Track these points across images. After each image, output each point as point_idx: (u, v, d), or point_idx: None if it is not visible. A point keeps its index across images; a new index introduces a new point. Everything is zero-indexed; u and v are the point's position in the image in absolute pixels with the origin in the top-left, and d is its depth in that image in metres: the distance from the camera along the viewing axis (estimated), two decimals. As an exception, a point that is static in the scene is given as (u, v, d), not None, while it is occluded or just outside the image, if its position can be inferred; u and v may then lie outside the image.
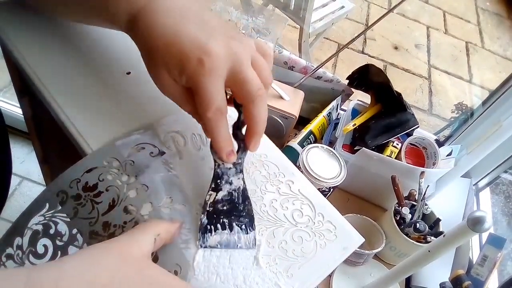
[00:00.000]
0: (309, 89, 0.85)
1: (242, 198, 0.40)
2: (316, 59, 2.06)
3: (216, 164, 0.39)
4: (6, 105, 1.44)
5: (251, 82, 0.34)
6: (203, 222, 0.38)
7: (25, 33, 0.47)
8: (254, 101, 0.35)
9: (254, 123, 0.37)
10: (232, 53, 0.34)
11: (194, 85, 0.34)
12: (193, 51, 0.32)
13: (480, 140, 0.78)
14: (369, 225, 0.74)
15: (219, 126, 0.35)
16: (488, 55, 2.59)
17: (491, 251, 0.68)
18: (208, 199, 0.39)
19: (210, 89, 0.33)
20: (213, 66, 0.32)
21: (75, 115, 0.42)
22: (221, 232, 0.38)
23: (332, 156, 0.68)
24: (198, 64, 0.32)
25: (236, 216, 0.39)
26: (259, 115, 0.36)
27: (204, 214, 0.38)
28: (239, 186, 0.40)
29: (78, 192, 0.38)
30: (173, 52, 0.33)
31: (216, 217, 0.39)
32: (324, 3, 1.83)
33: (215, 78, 0.33)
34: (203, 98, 0.33)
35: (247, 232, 0.39)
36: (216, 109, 0.34)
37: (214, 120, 0.34)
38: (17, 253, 0.36)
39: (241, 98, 0.36)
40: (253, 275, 0.38)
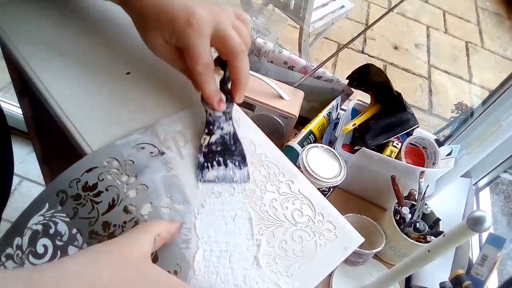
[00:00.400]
0: (309, 89, 0.85)
1: (233, 140, 0.45)
2: (316, 59, 2.06)
3: (208, 113, 0.44)
4: (6, 105, 1.44)
5: (233, 39, 0.40)
6: (200, 161, 0.42)
7: (25, 33, 0.47)
8: (237, 56, 0.40)
9: (238, 76, 0.42)
10: (215, 16, 0.39)
11: (183, 43, 0.39)
12: (182, 14, 0.38)
13: (480, 140, 0.78)
14: (369, 225, 0.74)
15: (208, 79, 0.40)
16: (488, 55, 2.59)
17: (491, 250, 0.68)
18: (203, 142, 0.43)
19: (198, 45, 0.38)
20: (200, 26, 0.38)
21: (75, 115, 0.42)
22: (217, 168, 0.42)
23: (332, 156, 0.68)
24: (187, 25, 0.38)
25: (230, 155, 0.44)
26: (242, 67, 0.41)
27: (200, 154, 0.42)
28: (229, 131, 0.45)
29: (78, 192, 0.38)
30: (165, 16, 0.38)
31: (211, 156, 0.43)
32: (324, 2, 1.83)
33: (201, 36, 0.38)
34: (192, 54, 0.38)
35: (240, 168, 0.43)
36: (204, 63, 0.39)
37: (203, 74, 0.39)
38: (17, 253, 0.36)
39: (225, 53, 0.41)
40: (253, 275, 0.38)
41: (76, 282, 0.27)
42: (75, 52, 0.47)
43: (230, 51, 0.40)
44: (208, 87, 0.41)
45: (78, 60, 0.47)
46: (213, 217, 0.40)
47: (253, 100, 0.75)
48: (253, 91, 0.75)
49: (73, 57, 0.47)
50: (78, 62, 0.47)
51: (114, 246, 0.31)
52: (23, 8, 0.49)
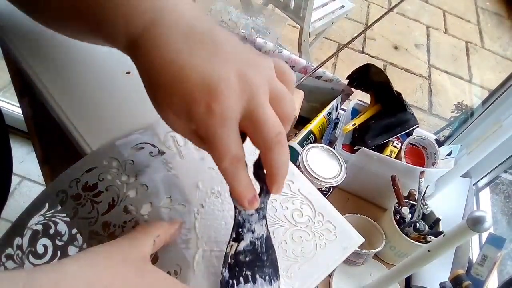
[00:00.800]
0: (309, 89, 0.85)
1: (266, 247, 0.36)
2: (316, 59, 2.06)
3: (237, 210, 0.35)
4: (6, 105, 1.44)
5: (268, 126, 0.29)
6: (225, 277, 0.35)
7: (25, 33, 0.47)
8: (271, 149, 0.30)
9: (274, 170, 0.32)
10: (247, 87, 0.29)
11: (204, 134, 0.29)
12: (201, 95, 0.28)
13: (480, 140, 0.78)
14: (369, 225, 0.74)
15: (237, 175, 0.31)
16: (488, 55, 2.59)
17: (491, 251, 0.68)
18: (229, 251, 0.35)
19: (223, 138, 0.29)
20: (224, 112, 0.28)
21: (75, 115, 0.42)
22: (243, 285, 0.35)
23: (332, 155, 0.68)
24: (208, 111, 0.28)
25: (260, 267, 0.36)
26: (279, 161, 0.31)
27: (225, 268, 0.35)
28: (262, 234, 0.36)
29: (78, 192, 0.38)
30: (179, 93, 0.28)
31: (238, 270, 0.35)
32: (324, 2, 1.83)
33: (227, 126, 0.29)
34: (215, 149, 0.29)
35: (271, 283, 0.36)
36: (231, 159, 0.29)
37: (230, 171, 0.30)
38: (17, 253, 0.36)
39: (257, 144, 0.31)
40: (253, 275, 0.37)
41: (76, 283, 0.27)
42: (75, 52, 0.47)
43: (263, 142, 0.30)
44: (238, 186, 0.31)
45: (78, 60, 0.47)
46: (213, 217, 0.40)
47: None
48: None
49: (73, 57, 0.47)
50: (78, 62, 0.47)
51: (114, 248, 0.31)
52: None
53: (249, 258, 0.36)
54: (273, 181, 0.33)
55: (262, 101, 0.29)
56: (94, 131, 0.42)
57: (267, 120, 0.29)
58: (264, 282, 0.36)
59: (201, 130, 0.29)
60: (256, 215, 0.36)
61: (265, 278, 0.36)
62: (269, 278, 0.36)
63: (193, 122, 0.29)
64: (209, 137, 0.29)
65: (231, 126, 0.29)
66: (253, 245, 0.36)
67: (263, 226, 0.36)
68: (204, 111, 0.28)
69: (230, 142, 0.29)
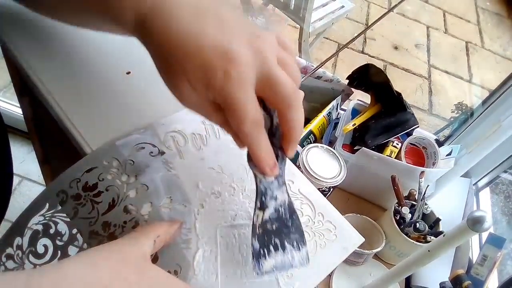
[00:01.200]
0: (309, 89, 0.85)
1: (289, 212, 0.37)
2: (316, 59, 2.06)
3: (258, 179, 0.35)
4: (6, 105, 1.44)
5: (285, 85, 0.31)
6: (256, 248, 0.35)
7: (25, 33, 0.47)
8: (291, 105, 0.32)
9: (292, 129, 0.33)
10: (258, 55, 0.30)
11: (223, 100, 0.30)
12: (218, 62, 0.29)
13: (480, 140, 0.78)
14: (369, 225, 0.74)
15: (258, 140, 0.32)
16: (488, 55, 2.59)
17: (491, 250, 0.68)
18: (256, 221, 0.36)
19: (243, 101, 0.30)
20: (242, 75, 0.29)
21: (75, 115, 0.42)
22: (274, 254, 0.36)
23: (332, 155, 0.68)
24: (226, 76, 0.29)
25: (286, 233, 0.36)
26: (298, 119, 0.33)
27: (255, 238, 0.35)
28: (284, 200, 0.37)
29: (78, 192, 0.38)
30: (196, 64, 0.29)
31: (267, 239, 0.36)
32: (324, 2, 1.83)
33: (246, 88, 0.30)
34: (236, 112, 0.30)
35: (299, 248, 0.37)
36: (252, 122, 0.30)
37: (252, 134, 0.31)
38: (17, 253, 0.36)
39: (276, 103, 0.32)
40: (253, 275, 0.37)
41: (76, 284, 0.27)
42: (75, 52, 0.47)
43: (282, 100, 0.31)
44: (259, 150, 0.32)
45: (78, 60, 0.47)
46: (213, 217, 0.40)
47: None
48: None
49: (73, 57, 0.47)
50: (78, 62, 0.47)
51: (114, 248, 0.31)
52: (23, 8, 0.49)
53: (276, 226, 0.36)
54: (290, 141, 0.34)
55: (274, 64, 0.31)
56: (94, 131, 0.42)
57: (283, 79, 0.31)
58: (292, 248, 0.36)
59: (220, 96, 0.30)
60: (276, 182, 0.36)
61: (293, 244, 0.36)
62: (296, 244, 0.36)
63: (211, 90, 0.30)
64: (228, 101, 0.30)
65: (249, 89, 0.30)
66: (277, 212, 0.36)
67: (284, 192, 0.36)
68: (222, 77, 0.29)
69: (249, 104, 0.30)
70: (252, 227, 0.36)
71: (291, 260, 0.36)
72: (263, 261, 0.35)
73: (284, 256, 0.36)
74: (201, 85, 0.30)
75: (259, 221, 0.36)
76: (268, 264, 0.35)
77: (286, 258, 0.36)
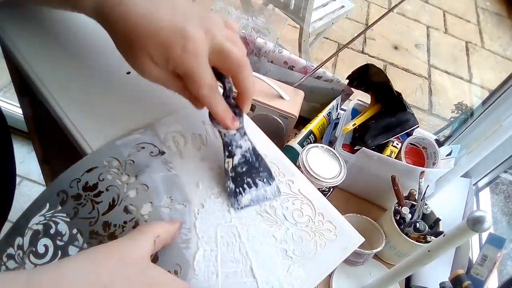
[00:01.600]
0: (309, 89, 0.85)
1: (255, 156, 0.43)
2: (316, 59, 2.06)
3: (222, 134, 0.42)
4: (6, 105, 1.44)
5: (234, 53, 0.37)
6: (232, 188, 0.41)
7: (25, 33, 0.47)
8: (242, 69, 0.38)
9: (246, 88, 0.40)
10: (209, 32, 0.36)
11: (182, 70, 0.36)
12: (176, 39, 0.35)
13: (480, 140, 0.78)
14: (369, 225, 0.74)
15: (215, 100, 0.38)
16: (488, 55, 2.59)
17: (491, 250, 0.68)
18: (227, 167, 0.42)
19: (199, 70, 0.36)
20: (197, 49, 0.35)
21: (75, 115, 0.42)
22: (249, 190, 0.42)
23: (332, 156, 0.68)
24: (183, 51, 0.35)
25: (256, 173, 0.43)
26: (249, 79, 0.39)
27: (229, 180, 0.41)
28: (248, 147, 0.43)
29: (78, 192, 0.38)
30: (157, 42, 0.35)
31: (240, 179, 0.42)
32: (324, 2, 1.83)
33: (200, 59, 0.36)
34: (194, 79, 0.36)
35: (269, 183, 0.43)
36: (208, 86, 0.37)
37: (209, 96, 0.37)
38: (18, 253, 0.36)
39: (228, 69, 0.39)
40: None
41: (76, 283, 0.27)
42: (75, 52, 0.47)
43: (233, 66, 0.38)
44: (219, 108, 0.39)
45: (78, 60, 0.47)
46: (213, 217, 0.40)
47: (253, 100, 0.75)
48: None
49: (73, 57, 0.47)
50: (78, 62, 0.47)
51: (114, 248, 0.31)
52: (23, 9, 0.49)
53: (245, 168, 0.43)
54: (245, 98, 0.41)
55: (223, 38, 0.37)
56: (94, 131, 0.42)
57: (232, 48, 0.37)
58: (264, 184, 0.43)
59: (179, 68, 0.36)
60: (238, 133, 0.42)
61: (263, 180, 0.43)
62: (266, 180, 0.43)
63: (171, 63, 0.36)
64: (187, 71, 0.36)
65: (203, 60, 0.36)
66: (244, 157, 0.43)
67: (247, 141, 0.43)
68: (180, 51, 0.35)
69: (205, 72, 0.36)
70: (225, 172, 0.42)
71: (264, 193, 0.42)
72: (240, 197, 0.41)
73: (257, 191, 0.42)
74: (162, 60, 0.36)
75: (230, 166, 0.42)
76: (245, 199, 0.41)
77: (260, 193, 0.42)
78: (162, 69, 0.37)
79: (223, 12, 0.90)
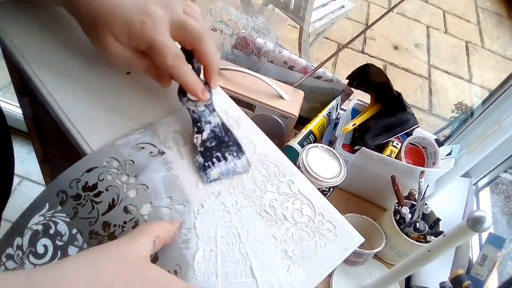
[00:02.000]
0: (309, 89, 0.85)
1: (224, 131, 0.44)
2: (316, 59, 2.06)
3: (191, 111, 0.43)
4: (6, 105, 1.44)
5: (193, 25, 0.39)
6: (200, 162, 0.42)
7: (25, 33, 0.47)
8: (202, 39, 0.39)
9: (209, 60, 0.41)
10: (167, 8, 0.38)
11: (146, 43, 0.38)
12: (137, 15, 0.37)
13: (480, 139, 0.78)
14: (369, 225, 0.74)
15: (183, 69, 0.39)
16: (488, 55, 2.59)
17: (491, 250, 0.68)
18: (196, 142, 0.42)
19: (162, 40, 0.37)
20: (157, 22, 0.37)
21: (75, 115, 0.42)
22: (218, 164, 0.42)
23: (332, 155, 0.68)
24: (143, 25, 0.37)
25: (225, 147, 0.44)
26: (211, 50, 0.40)
27: (198, 155, 0.42)
28: (217, 122, 0.44)
29: (78, 192, 0.38)
30: (118, 19, 0.37)
31: (209, 154, 0.43)
32: (324, 2, 1.83)
33: (162, 31, 0.37)
34: (159, 50, 0.37)
35: (239, 157, 0.44)
36: (174, 56, 0.38)
37: (177, 65, 0.38)
38: (17, 253, 0.36)
39: (190, 42, 0.40)
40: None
41: (75, 282, 0.27)
42: (75, 52, 0.47)
43: (194, 37, 0.39)
44: (188, 78, 0.39)
45: (78, 60, 0.47)
46: (213, 217, 0.40)
47: (253, 100, 0.75)
48: (253, 91, 0.75)
49: (73, 57, 0.47)
50: (78, 62, 0.47)
51: (113, 248, 0.31)
52: (23, 8, 0.49)
53: (215, 143, 0.43)
54: (210, 72, 0.42)
55: (181, 13, 0.39)
56: (94, 131, 0.42)
57: (191, 22, 0.39)
58: (233, 158, 0.43)
59: (143, 42, 0.38)
60: (207, 110, 0.43)
61: (233, 154, 0.44)
62: (236, 154, 0.44)
63: (133, 39, 0.38)
64: (150, 43, 0.37)
65: (165, 32, 0.38)
66: (213, 132, 0.43)
67: (216, 117, 0.44)
68: (140, 25, 0.37)
69: (168, 43, 0.38)
70: (194, 148, 0.42)
71: (234, 167, 0.43)
72: (209, 171, 0.42)
73: (227, 165, 0.43)
74: (125, 37, 0.38)
75: (199, 141, 0.42)
76: (214, 173, 0.42)
77: (230, 166, 0.43)
78: (126, 47, 0.38)
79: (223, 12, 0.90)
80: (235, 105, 0.49)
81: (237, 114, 0.48)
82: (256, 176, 0.44)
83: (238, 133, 0.46)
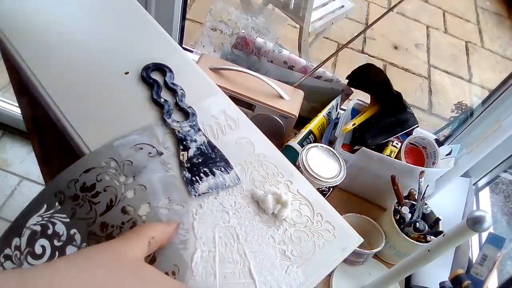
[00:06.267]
0: (309, 89, 0.85)
1: (210, 148, 0.44)
2: (316, 59, 2.06)
3: (175, 131, 0.44)
4: (6, 105, 1.44)
5: None
6: (188, 177, 0.41)
7: (24, 33, 0.47)
8: None
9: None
10: None
11: None
12: None
13: (479, 139, 0.78)
14: (369, 225, 0.74)
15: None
16: (488, 55, 2.59)
17: (490, 250, 0.68)
18: (182, 159, 0.42)
19: None
20: None
21: (73, 116, 0.42)
22: (206, 179, 0.42)
23: (331, 155, 0.68)
24: None
25: (212, 163, 0.43)
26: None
27: (185, 171, 0.42)
28: (203, 140, 0.44)
29: (76, 192, 0.38)
30: None
31: (196, 169, 0.42)
32: (324, 2, 1.83)
33: None
34: None
35: (228, 172, 0.43)
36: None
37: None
38: (15, 254, 0.36)
39: None
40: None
41: (69, 281, 0.27)
42: (74, 52, 0.47)
43: None
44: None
45: (77, 60, 0.47)
46: (211, 217, 0.40)
47: (253, 100, 0.74)
48: (253, 91, 0.75)
49: (71, 57, 0.47)
50: (77, 62, 0.46)
51: (107, 248, 0.31)
52: (22, 8, 0.49)
53: (202, 159, 0.43)
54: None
55: None
56: (92, 132, 0.42)
57: None
58: (222, 173, 0.43)
59: None
60: (192, 130, 0.44)
61: (221, 169, 0.43)
62: (224, 169, 0.43)
63: None
64: None
65: None
66: (200, 150, 0.44)
67: (201, 135, 0.45)
68: None
69: None
70: (180, 164, 0.42)
71: (223, 181, 0.42)
72: (197, 185, 0.41)
73: (216, 179, 0.42)
74: None
75: (185, 158, 0.42)
76: (202, 187, 0.41)
77: (218, 180, 0.42)
78: None
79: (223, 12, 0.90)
80: (234, 105, 0.49)
81: (236, 114, 0.48)
82: (254, 176, 0.44)
83: (236, 133, 0.46)
